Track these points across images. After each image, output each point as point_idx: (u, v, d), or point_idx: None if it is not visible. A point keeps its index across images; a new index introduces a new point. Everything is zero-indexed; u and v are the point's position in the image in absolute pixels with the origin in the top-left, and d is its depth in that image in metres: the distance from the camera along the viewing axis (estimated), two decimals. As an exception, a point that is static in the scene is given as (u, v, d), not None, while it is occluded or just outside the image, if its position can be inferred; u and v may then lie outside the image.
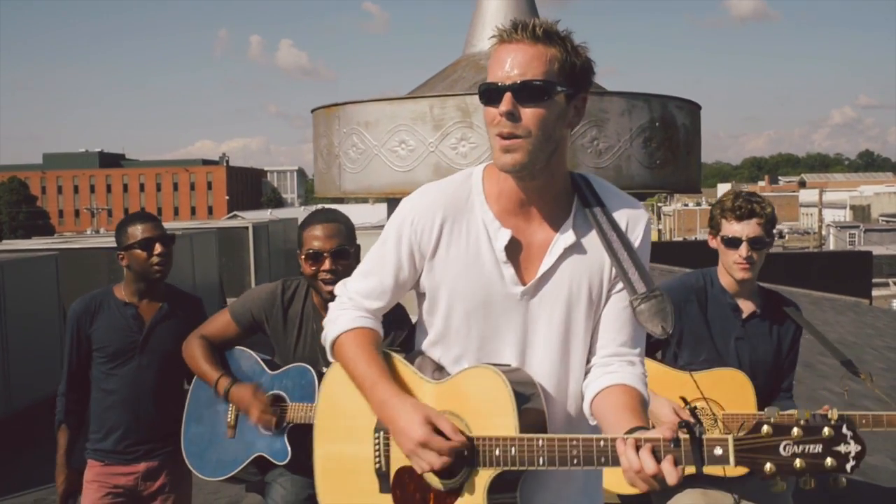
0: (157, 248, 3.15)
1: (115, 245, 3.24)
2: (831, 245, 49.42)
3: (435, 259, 1.91)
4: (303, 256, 2.81)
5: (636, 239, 1.89)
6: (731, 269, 2.94)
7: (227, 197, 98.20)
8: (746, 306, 3.00)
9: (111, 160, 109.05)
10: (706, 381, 2.85)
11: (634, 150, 3.22)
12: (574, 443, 1.69)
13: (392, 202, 3.76)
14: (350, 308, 2.01)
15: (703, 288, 3.02)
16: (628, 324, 1.91)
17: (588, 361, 1.94)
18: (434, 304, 1.94)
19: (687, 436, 1.59)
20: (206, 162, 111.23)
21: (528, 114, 1.73)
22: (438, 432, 1.76)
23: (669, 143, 3.33)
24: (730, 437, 1.58)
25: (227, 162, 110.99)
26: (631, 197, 1.96)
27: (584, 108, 1.88)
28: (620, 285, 1.88)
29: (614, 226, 1.87)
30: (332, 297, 2.73)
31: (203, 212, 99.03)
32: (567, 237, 1.86)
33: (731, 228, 2.90)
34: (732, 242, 2.90)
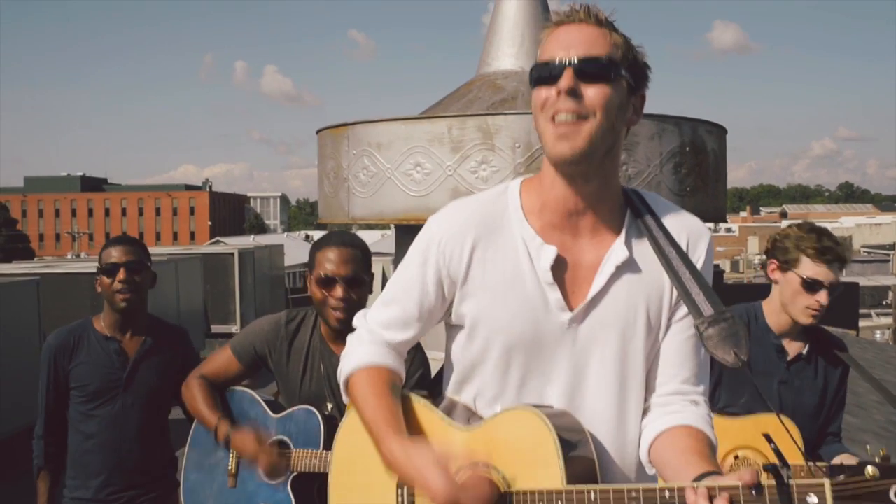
0: (120, 275, 2.86)
1: (96, 269, 2.99)
2: (815, 276, 49.55)
3: (467, 286, 1.66)
4: (313, 279, 2.57)
5: (698, 258, 1.66)
6: (799, 312, 2.68)
7: (209, 222, 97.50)
8: (792, 347, 2.77)
9: (93, 184, 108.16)
10: (749, 428, 2.62)
11: (665, 176, 3.02)
12: (633, 494, 1.43)
13: (403, 228, 3.53)
14: (368, 342, 1.77)
15: (747, 325, 2.77)
16: (692, 357, 1.67)
17: (645, 401, 1.69)
18: (467, 338, 1.70)
19: (772, 481, 1.31)
20: (189, 187, 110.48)
21: (592, 93, 1.52)
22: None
23: (699, 168, 3.14)
24: (826, 482, 1.29)
25: (210, 187, 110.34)
26: (689, 213, 1.73)
27: (642, 110, 1.67)
28: (682, 311, 1.64)
29: (673, 242, 1.64)
30: (341, 326, 2.52)
31: (185, 237, 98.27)
32: (620, 253, 1.62)
33: (815, 270, 2.63)
34: (813, 286, 2.64)
